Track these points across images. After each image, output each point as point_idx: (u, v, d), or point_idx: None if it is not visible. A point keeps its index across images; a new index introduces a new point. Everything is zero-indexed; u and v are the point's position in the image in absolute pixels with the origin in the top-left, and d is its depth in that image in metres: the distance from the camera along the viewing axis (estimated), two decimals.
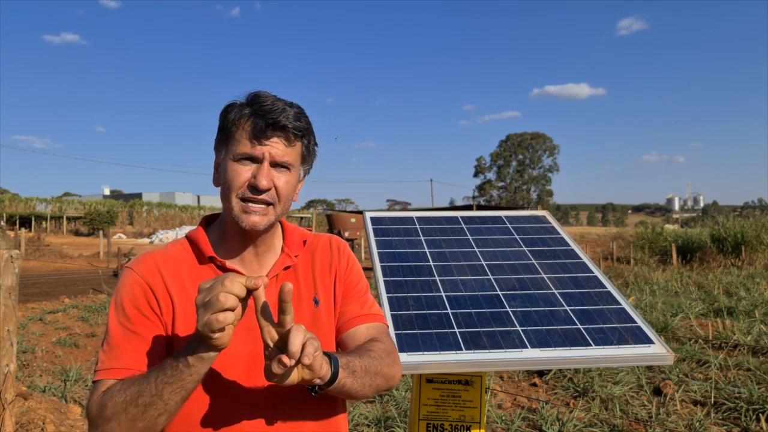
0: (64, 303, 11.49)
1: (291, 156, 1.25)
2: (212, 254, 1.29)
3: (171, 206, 62.79)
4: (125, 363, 1.18)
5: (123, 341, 1.20)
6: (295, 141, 1.25)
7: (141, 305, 1.22)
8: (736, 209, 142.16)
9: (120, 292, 1.25)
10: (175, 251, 1.31)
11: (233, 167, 1.23)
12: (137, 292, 1.23)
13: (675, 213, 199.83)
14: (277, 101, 1.24)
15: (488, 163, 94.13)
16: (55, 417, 4.25)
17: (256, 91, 1.27)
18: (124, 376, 1.16)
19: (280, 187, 1.24)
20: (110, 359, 1.19)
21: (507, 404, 5.29)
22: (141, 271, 1.25)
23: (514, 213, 2.01)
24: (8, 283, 3.35)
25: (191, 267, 1.29)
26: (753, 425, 4.58)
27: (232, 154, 1.24)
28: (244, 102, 1.26)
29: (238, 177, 1.23)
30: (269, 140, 1.22)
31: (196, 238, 1.32)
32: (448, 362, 1.32)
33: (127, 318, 1.21)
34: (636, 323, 1.48)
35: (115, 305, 1.24)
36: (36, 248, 27.38)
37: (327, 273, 1.41)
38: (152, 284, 1.24)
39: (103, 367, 1.19)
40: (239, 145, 1.23)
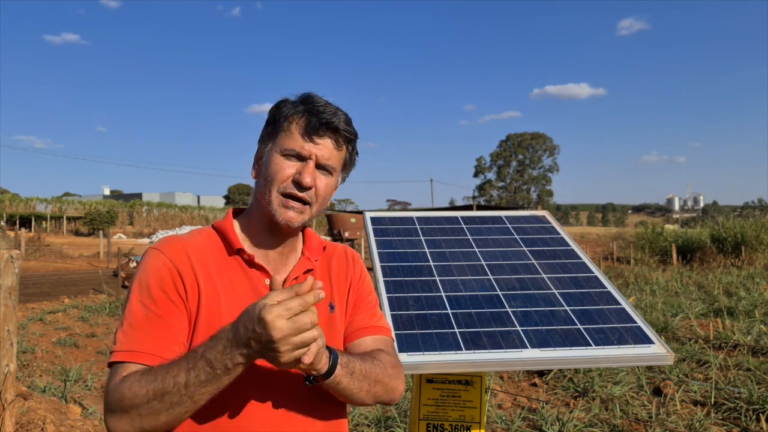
0: (64, 303, 11.49)
1: (335, 160, 1.27)
2: (240, 247, 1.27)
3: (171, 206, 62.80)
4: (146, 347, 1.14)
5: (145, 323, 1.16)
6: (343, 145, 1.28)
7: (168, 288, 1.19)
8: (736, 209, 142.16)
9: (146, 272, 1.21)
10: (201, 239, 1.29)
11: (279, 161, 1.24)
12: (164, 275, 1.20)
13: (675, 213, 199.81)
14: (330, 104, 1.26)
15: (488, 163, 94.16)
16: (55, 417, 4.25)
17: (310, 93, 1.29)
18: (144, 361, 1.13)
19: (320, 188, 1.25)
20: (130, 341, 1.15)
21: (507, 404, 5.29)
22: (170, 254, 1.22)
23: (514, 213, 2.01)
24: (8, 283, 3.35)
25: (218, 257, 1.27)
26: (753, 425, 4.58)
27: (279, 148, 1.24)
28: (298, 99, 1.28)
29: (282, 171, 1.23)
30: (320, 139, 1.24)
31: (225, 229, 1.30)
32: (448, 362, 1.32)
33: (153, 300, 1.18)
34: (636, 323, 1.48)
35: (139, 285, 1.20)
36: (36, 248, 27.38)
37: (343, 281, 1.42)
38: (181, 269, 1.21)
39: (122, 348, 1.15)
40: (289, 140, 1.24)
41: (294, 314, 1.00)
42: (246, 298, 1.22)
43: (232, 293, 1.23)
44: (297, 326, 0.99)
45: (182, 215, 59.23)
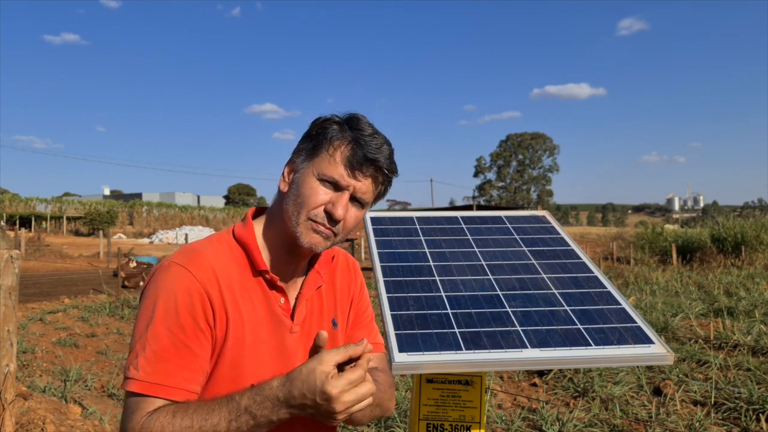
0: (64, 303, 11.49)
1: (370, 195, 1.23)
2: (266, 268, 1.22)
3: (171, 206, 62.80)
4: (175, 381, 1.09)
5: (174, 354, 1.10)
6: (379, 183, 1.23)
7: (198, 316, 1.12)
8: (736, 209, 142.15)
9: (174, 295, 1.12)
10: (225, 255, 1.21)
11: (315, 185, 1.18)
12: (195, 301, 1.12)
13: (675, 213, 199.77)
14: (377, 134, 1.21)
15: (488, 163, 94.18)
16: (55, 417, 4.25)
17: (356, 115, 1.23)
18: (173, 397, 1.09)
19: (349, 220, 1.21)
20: (157, 373, 1.08)
21: (507, 404, 5.29)
22: (199, 276, 1.13)
23: (514, 213, 2.01)
24: (8, 283, 3.35)
25: (241, 278, 1.20)
26: (753, 425, 4.58)
27: (317, 171, 1.18)
28: (345, 122, 1.21)
29: (316, 197, 1.17)
30: (361, 174, 1.18)
31: (249, 245, 1.23)
32: (448, 362, 1.32)
33: (181, 328, 1.10)
34: (636, 323, 1.48)
35: (166, 308, 1.11)
36: (36, 248, 27.38)
37: (346, 295, 1.41)
38: (210, 294, 1.14)
39: (147, 378, 1.08)
40: (330, 166, 1.17)
41: (355, 386, 1.04)
42: (264, 320, 1.21)
43: (254, 317, 1.20)
44: (358, 398, 1.03)
45: (182, 215, 59.24)
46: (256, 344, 1.18)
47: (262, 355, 1.19)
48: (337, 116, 1.23)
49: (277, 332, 1.22)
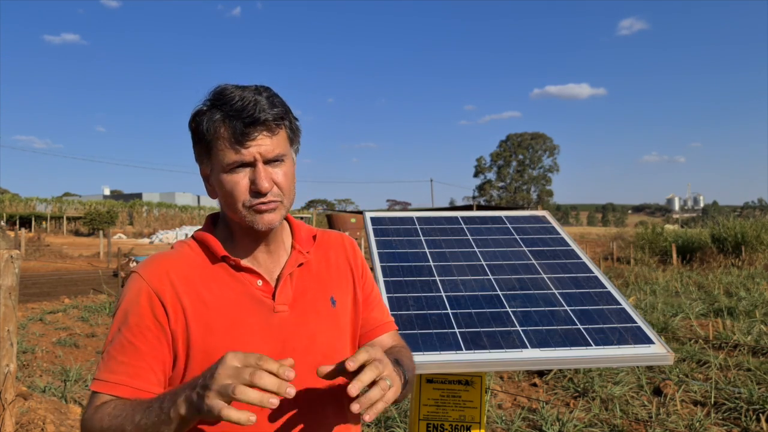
0: (64, 303, 11.48)
1: (280, 147, 1.17)
2: (225, 253, 1.23)
3: (171, 206, 62.78)
4: (118, 378, 1.14)
5: (119, 353, 1.15)
6: (278, 130, 1.17)
7: (145, 316, 1.16)
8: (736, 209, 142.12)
9: (125, 299, 1.19)
10: (183, 252, 1.25)
11: (227, 179, 1.16)
12: (143, 302, 1.16)
13: (675, 213, 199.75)
14: (244, 93, 1.14)
15: (488, 163, 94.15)
16: (55, 417, 4.25)
17: (218, 88, 1.17)
18: (115, 392, 1.13)
19: (281, 181, 1.18)
20: (105, 370, 1.16)
21: (507, 404, 5.28)
22: (149, 278, 1.18)
23: (514, 213, 2.01)
24: (8, 283, 3.35)
25: (203, 267, 1.23)
26: (753, 425, 4.58)
27: (221, 166, 1.16)
28: (211, 105, 1.16)
29: (237, 186, 1.15)
30: (253, 141, 1.13)
31: (205, 238, 1.25)
32: (448, 362, 1.32)
33: (129, 328, 1.16)
34: (636, 323, 1.48)
35: (119, 312, 1.18)
36: (36, 248, 27.36)
37: (345, 273, 1.38)
38: (160, 292, 1.17)
39: (98, 376, 1.16)
40: (224, 154, 1.14)
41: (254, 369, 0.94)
42: (240, 303, 1.21)
43: (222, 301, 1.19)
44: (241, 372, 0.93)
45: (182, 215, 59.23)
46: (231, 328, 1.18)
47: (241, 337, 1.18)
48: (204, 101, 1.17)
49: (257, 313, 1.21)
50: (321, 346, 1.26)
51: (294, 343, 1.23)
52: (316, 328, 1.27)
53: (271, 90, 1.19)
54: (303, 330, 1.25)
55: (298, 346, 1.23)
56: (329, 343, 1.28)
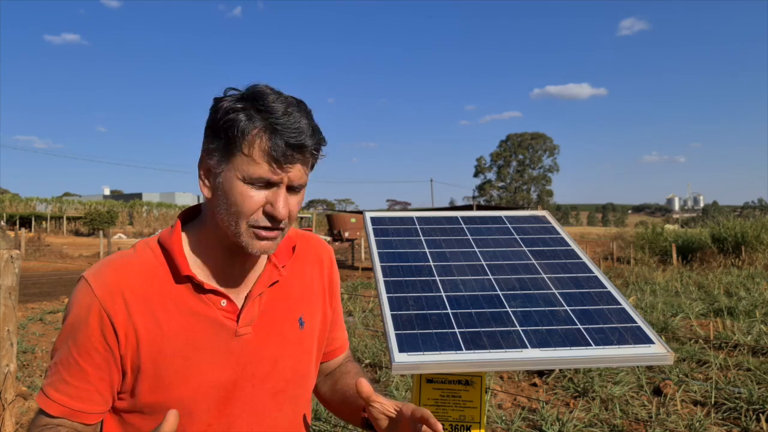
0: (64, 303, 11.49)
1: (305, 177, 1.10)
2: (189, 273, 1.11)
3: (171, 206, 62.81)
4: (59, 398, 1.09)
5: (66, 371, 1.09)
6: (311, 161, 1.11)
7: (94, 337, 1.06)
8: (736, 209, 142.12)
9: (73, 312, 1.08)
10: (144, 262, 1.12)
11: (244, 190, 1.04)
12: (92, 322, 1.06)
13: (675, 213, 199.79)
14: (290, 109, 1.05)
15: (488, 163, 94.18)
16: None
17: (257, 89, 1.06)
18: (50, 410, 1.09)
19: (293, 210, 1.10)
20: (50, 387, 1.10)
21: (507, 404, 5.29)
22: (101, 295, 1.06)
23: (514, 213, 2.01)
24: (8, 283, 3.35)
25: (162, 284, 1.11)
26: (753, 425, 4.58)
27: (242, 174, 1.04)
28: (250, 106, 1.04)
29: (250, 201, 1.05)
30: (291, 165, 1.04)
31: (172, 249, 1.12)
32: (448, 362, 1.32)
33: (76, 346, 1.07)
34: (636, 323, 1.48)
35: (68, 324, 1.09)
36: (36, 248, 27.37)
37: (318, 290, 1.33)
38: (112, 313, 1.06)
39: (45, 391, 1.10)
40: (252, 166, 1.03)
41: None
42: (198, 327, 1.12)
43: (178, 325, 1.10)
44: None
45: None
46: (186, 354, 1.10)
47: (195, 365, 1.10)
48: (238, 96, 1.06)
49: (217, 338, 1.12)
50: (283, 371, 1.20)
51: (254, 368, 1.16)
52: (280, 352, 1.20)
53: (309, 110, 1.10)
54: (265, 354, 1.18)
55: (258, 371, 1.16)
56: (292, 367, 1.22)
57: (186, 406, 1.09)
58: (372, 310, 10.00)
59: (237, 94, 1.07)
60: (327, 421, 4.57)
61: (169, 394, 1.09)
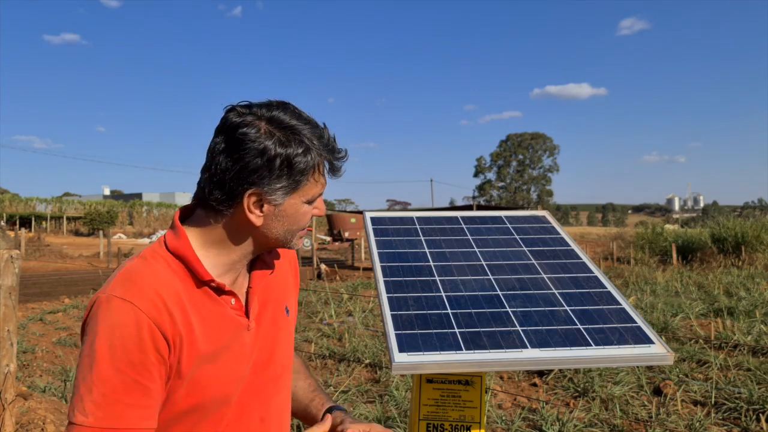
0: (64, 303, 11.49)
1: None
2: (210, 277, 1.15)
3: (171, 206, 62.81)
4: (130, 422, 1.02)
5: (124, 395, 1.02)
6: None
7: (148, 350, 1.04)
8: (736, 209, 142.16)
9: (119, 332, 1.02)
10: (164, 272, 1.12)
11: (306, 209, 1.19)
12: (144, 336, 1.03)
13: (675, 213, 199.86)
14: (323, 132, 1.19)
15: (488, 163, 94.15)
16: (55, 417, 4.25)
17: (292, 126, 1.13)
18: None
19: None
20: (109, 417, 1.00)
21: (507, 404, 5.29)
22: (145, 307, 1.05)
23: (514, 213, 2.01)
24: (8, 283, 3.35)
25: (187, 291, 1.13)
26: (753, 425, 4.58)
27: (306, 198, 1.17)
28: (297, 141, 1.12)
29: (306, 217, 1.20)
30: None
31: (187, 258, 1.14)
32: (448, 362, 1.32)
33: (131, 365, 1.02)
34: (636, 323, 1.48)
35: (111, 347, 1.01)
36: (36, 248, 27.37)
37: (292, 281, 1.42)
38: (161, 325, 1.06)
39: (99, 424, 1.00)
40: (313, 187, 1.18)
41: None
42: (221, 328, 1.16)
43: (206, 328, 1.14)
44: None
45: None
46: (214, 354, 1.14)
47: (224, 363, 1.15)
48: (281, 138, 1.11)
49: (235, 334, 1.18)
50: (279, 358, 1.29)
51: (258, 357, 1.23)
52: (276, 340, 1.29)
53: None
54: (265, 343, 1.25)
55: (260, 359, 1.24)
56: (285, 353, 1.32)
57: (217, 404, 1.15)
58: (372, 310, 10.00)
59: (276, 132, 1.11)
60: None
61: (203, 394, 1.13)
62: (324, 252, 30.23)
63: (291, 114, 1.14)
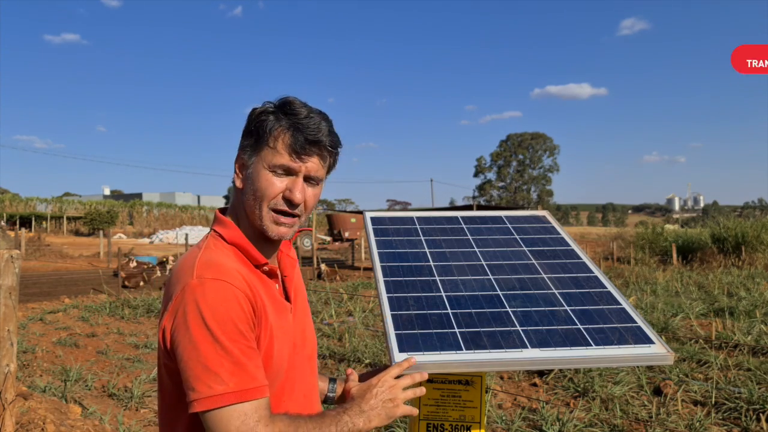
0: (64, 303, 11.49)
1: (322, 171, 1.29)
2: (265, 261, 1.29)
3: (171, 206, 62.78)
4: (261, 381, 1.16)
5: (247, 359, 1.15)
6: (328, 157, 1.30)
7: (250, 320, 1.18)
8: (736, 209, 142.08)
9: (224, 307, 1.14)
10: (234, 258, 1.26)
11: (267, 176, 1.24)
12: (244, 308, 1.17)
13: (675, 213, 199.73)
14: (312, 113, 1.26)
15: (488, 163, 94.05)
16: (55, 417, 4.25)
17: (288, 99, 1.28)
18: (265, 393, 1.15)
19: (309, 199, 1.29)
20: (246, 380, 1.13)
21: (507, 404, 5.28)
22: (239, 286, 1.18)
23: (514, 213, 2.01)
24: (8, 283, 3.34)
25: (252, 274, 1.27)
26: (753, 425, 4.58)
27: (267, 163, 1.24)
28: (278, 110, 1.26)
29: (273, 187, 1.24)
30: (308, 156, 1.25)
31: (242, 244, 1.28)
32: (448, 362, 1.32)
33: (242, 334, 1.15)
34: (636, 323, 1.48)
35: (221, 321, 1.13)
36: (36, 248, 27.36)
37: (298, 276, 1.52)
38: (252, 299, 1.20)
39: (241, 387, 1.12)
40: (276, 156, 1.23)
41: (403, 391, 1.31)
42: (275, 308, 1.29)
43: (270, 307, 1.27)
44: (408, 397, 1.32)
45: (182, 215, 59.22)
46: (278, 332, 1.27)
47: (281, 341, 1.27)
48: (271, 105, 1.28)
49: (284, 316, 1.31)
50: (310, 340, 1.42)
51: (296, 338, 1.34)
52: (306, 324, 1.42)
53: (331, 121, 1.31)
54: (300, 326, 1.38)
55: (298, 340, 1.35)
56: (312, 336, 1.45)
57: (281, 378, 1.27)
58: (372, 310, 10.00)
59: (270, 103, 1.29)
60: None
61: (270, 367, 1.23)
62: (324, 252, 30.20)
63: (295, 99, 1.28)
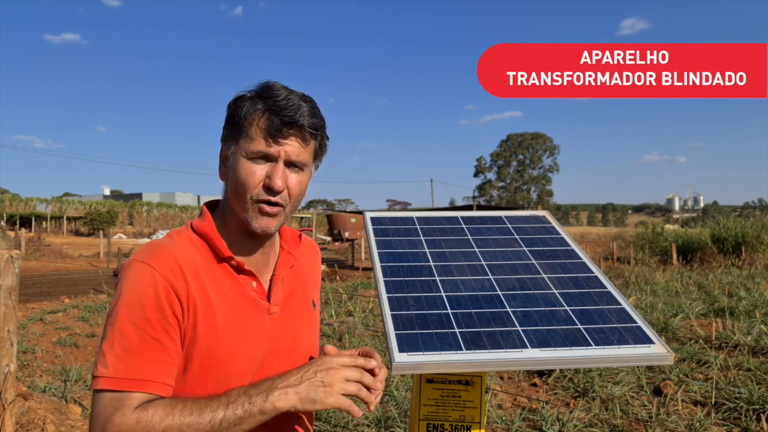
0: (64, 303, 11.49)
1: (305, 155, 1.21)
2: (230, 254, 1.21)
3: (171, 206, 62.81)
4: (151, 374, 1.08)
5: (142, 348, 1.08)
6: (310, 140, 1.21)
7: (164, 309, 1.10)
8: (736, 209, 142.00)
9: (137, 290, 1.10)
10: (186, 246, 1.20)
11: (246, 166, 1.17)
12: (160, 294, 1.10)
13: (675, 213, 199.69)
14: (291, 95, 1.19)
15: (488, 163, 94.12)
16: (55, 417, 4.25)
17: (267, 83, 1.21)
18: (152, 389, 1.07)
19: (292, 187, 1.20)
20: (130, 368, 1.07)
21: (507, 404, 5.29)
22: (162, 270, 1.12)
23: (514, 213, 2.01)
24: (8, 283, 3.35)
25: (207, 266, 1.20)
26: (753, 425, 4.58)
27: (244, 151, 1.17)
28: (255, 95, 1.20)
29: (252, 176, 1.17)
30: (285, 139, 1.17)
31: (209, 235, 1.22)
32: (448, 362, 1.32)
33: (148, 322, 1.09)
34: (636, 323, 1.48)
35: (129, 304, 1.09)
36: (36, 248, 27.37)
37: (318, 277, 1.47)
38: (176, 286, 1.12)
39: (121, 375, 1.06)
40: (253, 142, 1.16)
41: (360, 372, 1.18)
42: (238, 305, 1.21)
43: (225, 303, 1.19)
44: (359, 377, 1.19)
45: (182, 215, 59.25)
46: (231, 329, 1.18)
47: (239, 339, 1.19)
48: (249, 91, 1.22)
49: (254, 316, 1.23)
50: (303, 347, 1.34)
51: (281, 343, 1.27)
52: (300, 329, 1.33)
53: (316, 103, 1.23)
54: (289, 331, 1.30)
55: (283, 346, 1.28)
56: (310, 343, 1.37)
57: (231, 381, 1.16)
58: (372, 310, 10.00)
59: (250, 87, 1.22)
60: (327, 422, 4.58)
61: (218, 370, 1.16)
62: (324, 252, 30.21)
63: (275, 83, 1.22)
